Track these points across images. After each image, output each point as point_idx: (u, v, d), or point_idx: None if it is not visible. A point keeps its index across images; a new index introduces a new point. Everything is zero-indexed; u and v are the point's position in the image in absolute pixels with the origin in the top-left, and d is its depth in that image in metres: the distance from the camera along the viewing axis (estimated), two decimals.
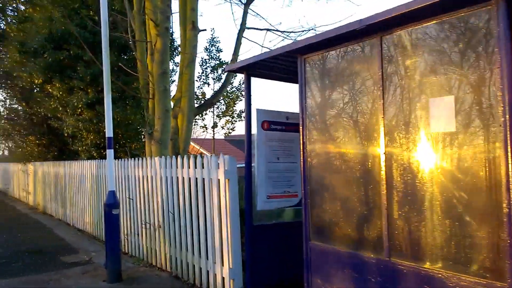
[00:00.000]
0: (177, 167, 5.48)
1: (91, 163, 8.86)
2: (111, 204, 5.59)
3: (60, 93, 9.66)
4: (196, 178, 5.08)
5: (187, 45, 6.95)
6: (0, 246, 8.12)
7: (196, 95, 13.17)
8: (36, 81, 9.87)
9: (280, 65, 4.60)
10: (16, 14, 12.92)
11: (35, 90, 14.42)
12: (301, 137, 3.69)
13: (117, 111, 9.47)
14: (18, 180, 17.07)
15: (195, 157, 5.17)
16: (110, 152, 5.80)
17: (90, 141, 9.80)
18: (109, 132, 5.76)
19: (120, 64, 7.51)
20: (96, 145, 10.00)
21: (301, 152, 3.66)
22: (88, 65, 9.53)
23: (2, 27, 13.83)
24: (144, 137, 10.72)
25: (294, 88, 5.37)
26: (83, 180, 9.33)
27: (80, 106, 9.50)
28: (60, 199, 11.25)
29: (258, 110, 4.78)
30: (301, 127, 3.68)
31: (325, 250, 3.27)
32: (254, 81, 4.81)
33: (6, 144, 20.63)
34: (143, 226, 6.36)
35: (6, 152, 33.92)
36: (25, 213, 12.88)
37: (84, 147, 10.07)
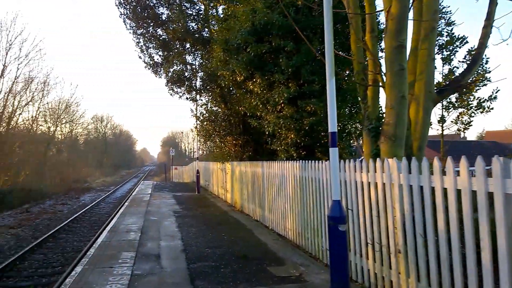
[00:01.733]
0: (431, 173, 3.88)
1: (294, 164, 8.05)
2: (338, 217, 4.39)
3: (261, 89, 9.25)
4: (474, 191, 3.38)
5: (424, 11, 5.26)
6: (208, 246, 8.03)
7: None
8: (238, 78, 9.75)
9: None
10: (217, 13, 13.59)
11: (233, 91, 14.93)
12: None
13: (320, 106, 8.45)
14: (217, 178, 18.25)
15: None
16: (334, 151, 4.58)
17: (290, 140, 9.07)
18: (332, 126, 4.55)
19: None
20: (295, 144, 9.22)
21: None
22: (289, 57, 8.83)
23: (205, 34, 14.82)
24: (349, 135, 9.48)
25: None
26: (284, 182, 8.63)
27: (281, 101, 8.85)
28: (257, 200, 11.00)
29: None
30: None
31: None
32: None
33: (206, 145, 22.58)
34: (370, 245, 4.97)
35: (204, 152, 38.29)
36: (225, 210, 13.28)
37: (283, 147, 9.43)
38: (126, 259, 7.07)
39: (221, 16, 12.96)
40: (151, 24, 15.20)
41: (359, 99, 6.44)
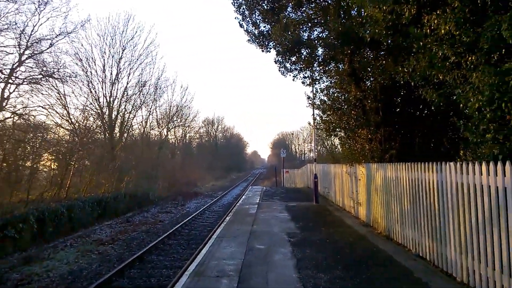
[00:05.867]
0: None
1: None
2: None
3: (457, 25, 4.89)
4: None
5: None
6: None
7: None
8: (406, 13, 5.47)
9: None
10: None
11: (365, 66, 10.67)
12: None
13: None
14: (342, 185, 14.05)
15: None
16: None
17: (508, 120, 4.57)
18: None
19: None
20: None
21: None
22: None
23: None
24: None
25: None
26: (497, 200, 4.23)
27: (510, 42, 4.38)
28: (425, 226, 6.68)
29: None
30: None
31: None
32: None
33: (324, 143, 18.54)
34: None
35: (318, 152, 34.08)
36: (361, 234, 9.09)
37: (493, 134, 4.93)
38: None
39: None
40: None
41: None
